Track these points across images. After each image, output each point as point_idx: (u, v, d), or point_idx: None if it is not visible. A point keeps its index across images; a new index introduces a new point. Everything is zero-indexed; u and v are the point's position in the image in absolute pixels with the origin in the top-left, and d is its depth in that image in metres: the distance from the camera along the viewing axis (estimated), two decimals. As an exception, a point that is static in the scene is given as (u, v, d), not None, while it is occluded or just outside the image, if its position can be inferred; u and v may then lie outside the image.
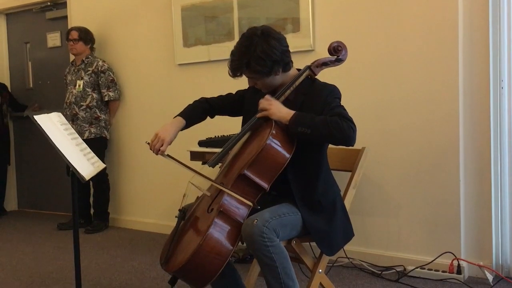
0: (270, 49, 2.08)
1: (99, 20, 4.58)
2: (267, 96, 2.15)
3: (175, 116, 2.33)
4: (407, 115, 3.09)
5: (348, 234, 2.28)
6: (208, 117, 2.46)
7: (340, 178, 2.43)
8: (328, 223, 2.17)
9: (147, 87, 4.33)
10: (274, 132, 2.04)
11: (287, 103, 2.16)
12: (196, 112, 2.39)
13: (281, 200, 2.16)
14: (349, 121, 2.01)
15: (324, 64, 2.25)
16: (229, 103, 2.43)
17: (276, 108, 2.09)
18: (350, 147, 2.58)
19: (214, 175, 2.27)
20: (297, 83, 2.18)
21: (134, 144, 4.47)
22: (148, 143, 2.23)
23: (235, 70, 2.16)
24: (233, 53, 2.16)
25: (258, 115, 2.13)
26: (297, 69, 2.27)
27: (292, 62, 2.21)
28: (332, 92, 2.14)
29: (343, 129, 1.97)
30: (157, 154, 2.21)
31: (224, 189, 2.02)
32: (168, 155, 2.19)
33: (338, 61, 2.27)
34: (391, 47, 3.12)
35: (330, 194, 2.23)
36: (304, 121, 2.02)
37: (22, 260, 3.68)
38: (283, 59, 2.13)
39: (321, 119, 2.00)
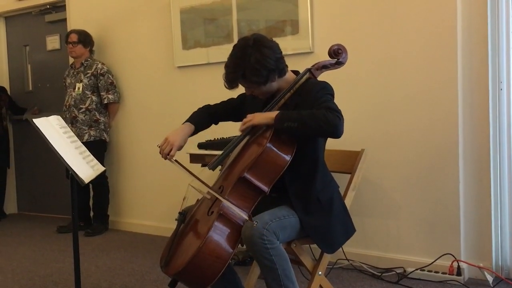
0: (264, 58, 2.08)
1: (98, 23, 4.58)
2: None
3: (183, 123, 2.34)
4: (406, 117, 3.09)
5: (348, 230, 2.27)
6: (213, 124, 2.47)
7: (340, 180, 2.43)
8: (326, 220, 2.16)
9: (147, 90, 4.34)
10: (274, 135, 2.05)
11: (285, 107, 2.16)
12: (203, 118, 2.41)
13: (281, 202, 2.16)
14: (336, 111, 1.99)
15: (324, 67, 2.26)
16: (231, 107, 2.44)
17: (259, 115, 2.11)
18: (351, 150, 2.63)
19: (214, 178, 2.27)
20: (297, 86, 2.18)
21: (133, 147, 4.47)
22: (159, 146, 2.24)
23: (231, 82, 2.16)
24: (227, 66, 2.16)
25: (241, 128, 2.13)
26: (292, 71, 2.27)
27: (287, 67, 2.21)
28: (324, 88, 2.13)
29: (329, 119, 1.95)
30: (165, 158, 2.21)
31: (221, 198, 2.01)
32: (176, 161, 2.19)
33: (339, 64, 2.27)
34: (390, 49, 3.12)
35: (328, 191, 2.22)
36: (289, 116, 2.02)
37: (21, 263, 3.68)
38: (278, 66, 2.13)
39: (307, 112, 2.00)
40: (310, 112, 2.00)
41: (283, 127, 2.02)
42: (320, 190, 2.18)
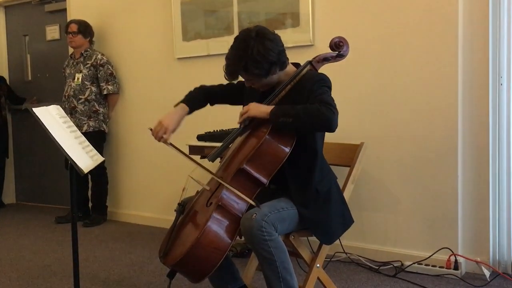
0: (266, 51, 2.07)
1: (98, 13, 4.56)
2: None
3: (178, 103, 2.35)
4: (406, 111, 3.09)
5: (346, 221, 2.28)
6: (209, 105, 2.49)
7: (339, 173, 2.43)
8: (324, 211, 2.17)
9: (146, 81, 4.33)
10: (273, 127, 2.04)
11: (285, 99, 2.15)
12: (197, 99, 2.42)
13: (280, 194, 2.17)
14: (330, 105, 1.98)
15: (325, 59, 2.25)
16: (229, 92, 2.44)
17: (255, 106, 2.11)
18: (350, 143, 2.63)
19: (213, 170, 2.27)
20: (298, 78, 2.17)
21: (132, 138, 4.47)
22: (151, 129, 2.24)
23: (232, 74, 2.16)
24: (228, 57, 2.15)
25: (239, 120, 2.14)
26: (292, 63, 2.26)
27: (288, 59, 2.20)
28: (321, 80, 2.12)
29: (323, 113, 1.95)
30: (159, 141, 2.22)
31: (224, 183, 2.02)
32: (170, 144, 2.20)
33: (340, 56, 2.27)
34: (391, 42, 3.11)
35: (326, 182, 2.23)
36: (284, 111, 2.02)
37: (20, 253, 3.68)
38: (280, 59, 2.13)
39: (302, 107, 2.00)
40: (305, 107, 2.00)
41: (278, 122, 2.03)
42: (319, 182, 2.18)
